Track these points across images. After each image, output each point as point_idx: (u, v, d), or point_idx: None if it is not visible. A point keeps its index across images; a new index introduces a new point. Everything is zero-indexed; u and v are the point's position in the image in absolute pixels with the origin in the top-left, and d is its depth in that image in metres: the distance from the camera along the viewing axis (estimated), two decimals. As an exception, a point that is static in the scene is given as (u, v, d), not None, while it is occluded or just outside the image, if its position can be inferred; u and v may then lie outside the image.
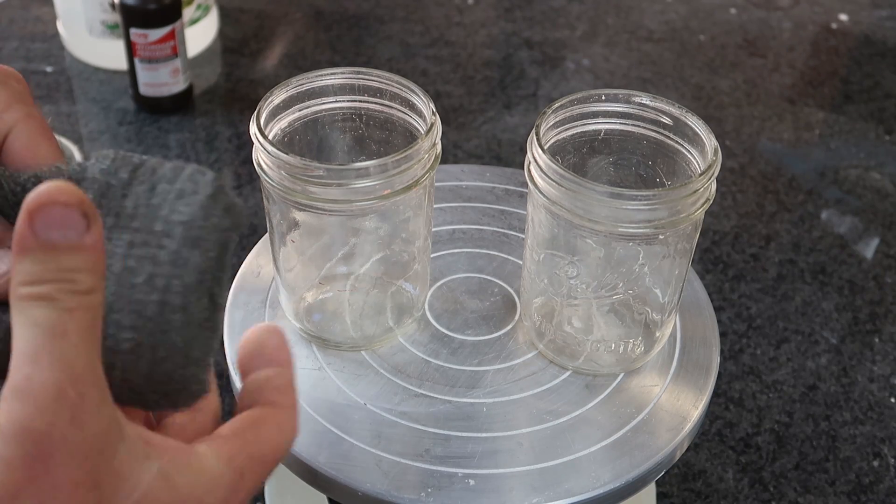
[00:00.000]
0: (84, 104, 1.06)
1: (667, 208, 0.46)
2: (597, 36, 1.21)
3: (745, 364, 0.78)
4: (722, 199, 0.95)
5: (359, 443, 0.48)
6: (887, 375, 0.78)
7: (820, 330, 0.82)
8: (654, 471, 0.49)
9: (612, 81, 1.12)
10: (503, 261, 0.59)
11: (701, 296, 0.58)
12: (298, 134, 0.53)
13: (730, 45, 1.20)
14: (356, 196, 0.47)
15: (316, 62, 1.14)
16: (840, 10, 1.29)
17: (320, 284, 0.54)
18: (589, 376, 0.52)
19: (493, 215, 0.63)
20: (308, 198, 0.47)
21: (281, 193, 0.48)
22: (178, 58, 1.00)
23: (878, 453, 0.72)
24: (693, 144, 0.50)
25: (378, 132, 0.54)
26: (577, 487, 0.47)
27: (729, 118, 1.07)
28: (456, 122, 1.04)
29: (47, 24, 1.18)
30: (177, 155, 0.99)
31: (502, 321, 0.56)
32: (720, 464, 0.71)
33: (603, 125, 0.52)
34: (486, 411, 0.50)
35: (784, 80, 1.14)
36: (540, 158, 0.47)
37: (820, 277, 0.87)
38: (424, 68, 1.13)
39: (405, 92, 0.52)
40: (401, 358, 0.53)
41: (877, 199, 0.96)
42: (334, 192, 0.47)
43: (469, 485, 0.46)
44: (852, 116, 1.09)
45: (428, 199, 0.51)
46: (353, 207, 0.48)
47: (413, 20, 1.22)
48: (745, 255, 0.89)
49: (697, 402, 0.51)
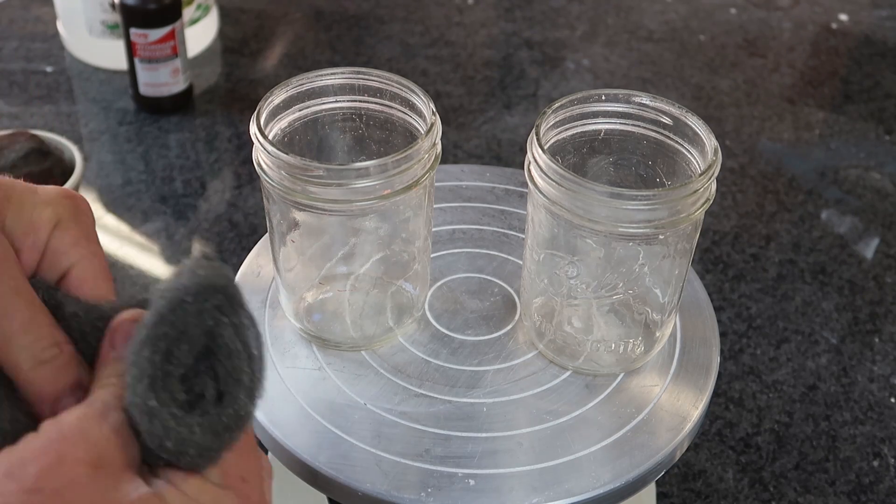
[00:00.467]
0: (84, 104, 1.06)
1: (667, 208, 0.46)
2: (597, 36, 1.21)
3: (745, 364, 0.78)
4: (722, 199, 0.95)
5: (359, 443, 0.48)
6: (887, 375, 0.78)
7: (820, 330, 0.82)
8: (654, 471, 0.49)
9: (612, 81, 1.12)
10: (503, 261, 0.59)
11: (701, 296, 0.58)
12: (298, 134, 0.53)
13: (730, 45, 1.20)
14: (356, 196, 0.47)
15: (316, 62, 1.14)
16: (840, 10, 1.29)
17: (320, 284, 0.54)
18: (589, 376, 0.52)
19: (493, 215, 0.63)
20: (308, 198, 0.47)
21: (281, 193, 0.48)
22: (178, 58, 1.00)
23: (878, 453, 0.72)
24: (693, 144, 0.50)
25: (378, 132, 0.54)
26: (577, 487, 0.47)
27: (729, 118, 1.07)
28: (456, 122, 1.04)
29: (47, 24, 1.18)
30: (177, 155, 0.99)
31: (502, 321, 0.56)
32: (720, 464, 0.71)
33: (603, 125, 0.52)
34: (486, 411, 0.50)
35: (784, 80, 1.14)
36: (540, 158, 0.47)
37: (820, 277, 0.87)
38: (424, 68, 1.13)
39: (405, 92, 0.52)
40: (401, 358, 0.53)
41: (877, 199, 0.96)
42: (334, 192, 0.47)
43: (469, 485, 0.46)
44: (852, 116, 1.09)
45: (428, 199, 0.51)
46: (353, 207, 0.48)
47: (413, 20, 1.22)
48: (745, 255, 0.89)
49: (697, 402, 0.51)
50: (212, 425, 0.29)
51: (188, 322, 0.29)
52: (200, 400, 0.29)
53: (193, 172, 0.97)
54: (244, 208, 0.92)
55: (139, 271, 0.86)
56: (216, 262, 0.30)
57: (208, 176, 0.97)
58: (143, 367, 0.28)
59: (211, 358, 0.30)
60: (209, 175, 0.97)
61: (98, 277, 0.34)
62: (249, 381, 0.30)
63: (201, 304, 0.29)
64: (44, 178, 0.83)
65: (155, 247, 0.89)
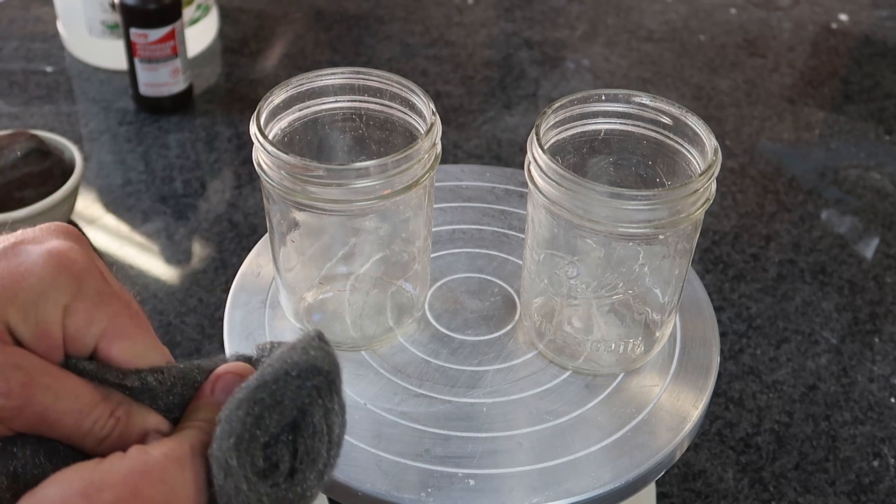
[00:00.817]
0: (84, 104, 1.06)
1: (667, 208, 0.46)
2: (597, 36, 1.21)
3: (745, 364, 0.78)
4: (722, 199, 0.95)
5: (359, 443, 0.48)
6: (887, 375, 0.78)
7: (820, 330, 0.82)
8: (654, 471, 0.49)
9: (612, 81, 1.13)
10: (503, 261, 0.59)
11: (701, 296, 0.58)
12: (298, 134, 0.53)
13: (730, 45, 1.20)
14: (356, 196, 0.47)
15: (316, 62, 1.14)
16: (840, 10, 1.29)
17: (320, 284, 0.54)
18: (589, 376, 0.52)
19: (493, 215, 0.63)
20: (308, 198, 0.47)
21: (281, 193, 0.48)
22: (178, 58, 1.00)
23: (878, 453, 0.72)
24: (693, 144, 0.50)
25: (378, 132, 0.54)
26: (577, 487, 0.47)
27: (729, 118, 1.07)
28: (456, 122, 1.04)
29: (47, 24, 1.18)
30: (177, 155, 0.99)
31: (502, 321, 0.56)
32: (720, 464, 0.71)
33: (603, 125, 0.52)
34: (486, 411, 0.50)
35: (784, 80, 1.14)
36: (540, 158, 0.47)
37: (820, 277, 0.87)
38: (424, 68, 1.13)
39: (405, 92, 0.52)
40: (401, 358, 0.53)
41: (877, 199, 0.96)
42: (334, 192, 0.47)
43: (469, 485, 0.46)
44: (852, 116, 1.09)
45: (428, 199, 0.51)
46: (353, 207, 0.48)
47: (413, 20, 1.22)
48: (745, 255, 0.89)
49: (697, 402, 0.51)
50: (279, 498, 0.30)
51: (286, 395, 0.30)
52: (274, 471, 0.31)
53: (193, 172, 0.97)
54: (244, 208, 0.92)
55: (139, 271, 0.86)
56: (328, 347, 0.32)
57: (208, 176, 0.97)
58: (234, 425, 0.30)
59: (295, 433, 0.31)
60: (209, 175, 0.97)
61: (125, 335, 0.32)
62: (323, 464, 0.31)
63: (303, 382, 0.31)
64: (44, 178, 0.83)
65: (155, 247, 0.89)
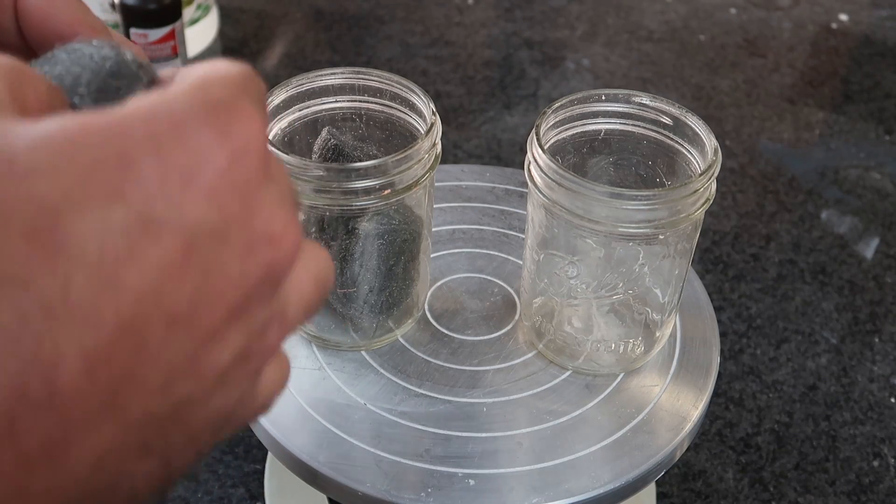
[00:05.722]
0: (84, 104, 1.06)
1: (667, 208, 0.46)
2: (597, 36, 1.21)
3: (745, 364, 0.78)
4: (722, 199, 0.95)
5: (359, 443, 0.48)
6: (887, 375, 0.78)
7: (820, 330, 0.81)
8: (654, 471, 0.49)
9: (612, 81, 1.12)
10: (503, 261, 0.59)
11: (701, 296, 0.58)
12: (298, 134, 0.53)
13: (730, 45, 1.20)
14: (356, 196, 0.47)
15: (316, 62, 1.14)
16: (840, 10, 1.29)
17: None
18: (589, 376, 0.52)
19: (493, 215, 0.63)
20: (308, 198, 0.47)
21: (281, 193, 0.48)
22: (178, 58, 1.00)
23: (878, 453, 0.72)
24: (693, 144, 0.50)
25: (378, 132, 0.54)
26: (577, 487, 0.47)
27: (729, 118, 1.07)
28: (456, 122, 1.04)
29: (47, 24, 1.18)
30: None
31: (502, 321, 0.56)
32: (720, 464, 0.71)
33: (603, 125, 0.52)
34: (486, 411, 0.50)
35: (784, 80, 1.14)
36: (540, 158, 0.47)
37: (820, 277, 0.87)
38: (424, 68, 1.13)
39: (405, 92, 0.52)
40: (401, 358, 0.53)
41: (877, 199, 0.96)
42: (334, 192, 0.47)
43: (469, 485, 0.46)
44: (852, 116, 1.09)
45: (428, 199, 0.51)
46: (353, 207, 0.48)
47: (413, 20, 1.22)
48: (745, 255, 0.89)
49: (697, 402, 0.51)
50: None
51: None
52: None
53: (193, 172, 0.97)
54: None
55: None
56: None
57: (208, 176, 0.97)
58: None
59: None
60: (209, 175, 0.97)
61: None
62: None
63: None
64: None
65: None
